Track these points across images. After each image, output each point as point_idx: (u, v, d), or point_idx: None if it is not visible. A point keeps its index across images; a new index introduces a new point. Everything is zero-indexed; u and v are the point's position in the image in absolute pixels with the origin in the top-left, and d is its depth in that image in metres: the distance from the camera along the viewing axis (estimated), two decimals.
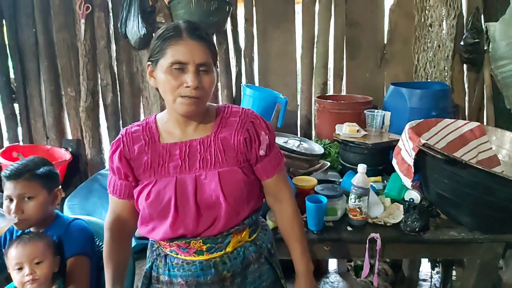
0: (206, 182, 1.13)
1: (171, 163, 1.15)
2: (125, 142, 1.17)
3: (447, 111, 2.40)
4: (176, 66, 1.06)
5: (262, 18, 2.90)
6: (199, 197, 1.13)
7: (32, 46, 3.02)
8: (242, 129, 1.18)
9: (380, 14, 2.86)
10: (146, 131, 1.19)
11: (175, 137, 1.18)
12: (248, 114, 1.22)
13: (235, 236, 1.21)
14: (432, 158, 1.56)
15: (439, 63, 2.78)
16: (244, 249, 1.24)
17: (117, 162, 1.17)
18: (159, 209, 1.13)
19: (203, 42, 1.09)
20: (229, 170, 1.15)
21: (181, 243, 1.17)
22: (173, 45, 1.07)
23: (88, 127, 3.09)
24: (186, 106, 1.09)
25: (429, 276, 2.74)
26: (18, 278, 1.36)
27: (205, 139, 1.17)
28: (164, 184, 1.13)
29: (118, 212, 1.25)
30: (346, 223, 1.71)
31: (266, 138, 1.21)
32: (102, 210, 2.57)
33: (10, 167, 1.47)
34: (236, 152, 1.17)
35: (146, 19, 2.76)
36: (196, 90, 1.07)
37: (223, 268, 1.20)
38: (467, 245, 1.66)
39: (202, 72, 1.09)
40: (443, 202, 1.68)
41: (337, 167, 2.31)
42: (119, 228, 1.26)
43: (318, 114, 2.69)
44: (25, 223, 1.45)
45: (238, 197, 1.16)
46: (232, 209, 1.15)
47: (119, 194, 1.21)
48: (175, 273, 1.21)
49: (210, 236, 1.17)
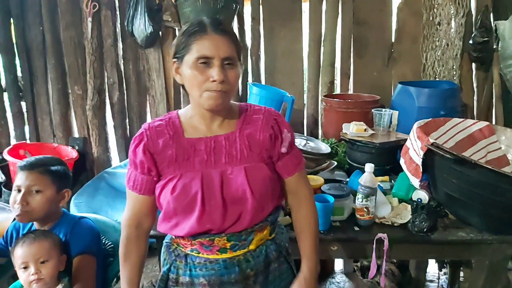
0: (232, 177, 1.14)
1: (197, 158, 1.15)
2: (149, 136, 1.16)
3: (455, 110, 2.38)
4: (201, 61, 1.07)
5: (268, 17, 2.89)
6: (225, 191, 1.13)
7: (39, 44, 3.03)
8: (267, 126, 1.20)
9: (388, 12, 2.84)
10: (170, 126, 1.18)
11: (199, 132, 1.18)
12: (271, 112, 1.24)
13: (258, 233, 1.21)
14: (440, 157, 1.55)
15: (448, 62, 2.75)
16: (265, 247, 1.24)
17: (141, 156, 1.15)
18: (184, 203, 1.12)
19: (228, 36, 1.10)
20: (255, 165, 1.16)
21: (205, 240, 1.17)
22: (198, 40, 1.07)
23: (94, 125, 3.10)
24: (212, 100, 1.09)
25: (437, 277, 2.72)
26: (24, 277, 1.37)
27: (230, 135, 1.18)
28: (189, 178, 1.13)
29: (137, 209, 1.22)
30: (353, 223, 1.69)
31: (289, 136, 1.23)
32: (108, 208, 2.58)
33: (27, 159, 1.52)
34: (261, 148, 1.18)
35: (152, 17, 2.76)
36: (222, 84, 1.08)
37: (247, 266, 1.20)
38: (476, 246, 1.64)
39: (227, 66, 1.09)
40: (452, 202, 1.67)
41: (344, 167, 2.29)
42: (137, 225, 1.24)
43: (325, 113, 2.68)
44: (27, 215, 1.45)
45: (264, 192, 1.17)
46: (258, 205, 1.15)
47: (140, 189, 1.19)
48: (197, 273, 1.19)
49: (235, 233, 1.17)
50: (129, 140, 3.16)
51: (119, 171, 2.85)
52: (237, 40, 1.14)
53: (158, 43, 2.95)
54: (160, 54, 2.99)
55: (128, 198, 1.24)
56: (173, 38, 2.93)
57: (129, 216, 1.24)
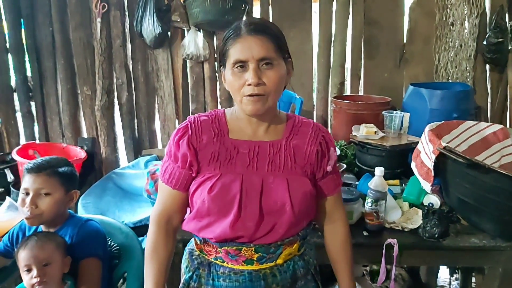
0: (274, 187, 1.10)
1: (239, 160, 1.11)
2: (194, 129, 1.13)
3: (469, 113, 2.35)
4: (237, 65, 1.05)
5: (278, 17, 2.87)
6: (264, 200, 1.09)
7: (49, 45, 3.05)
8: (315, 140, 1.16)
9: (399, 12, 2.81)
10: (216, 123, 1.15)
11: (245, 135, 1.15)
12: (320, 128, 1.20)
13: (287, 247, 1.16)
14: (453, 161, 1.52)
15: (461, 63, 2.71)
16: (293, 263, 1.20)
17: (185, 149, 1.11)
18: (221, 204, 1.08)
19: (262, 35, 1.05)
20: (298, 179, 1.12)
21: (231, 249, 1.12)
22: (233, 45, 1.05)
23: (103, 125, 3.11)
24: (251, 105, 1.06)
25: (448, 282, 2.68)
26: (27, 279, 1.36)
27: (275, 142, 1.14)
28: (229, 180, 1.09)
29: (169, 204, 1.19)
30: (362, 227, 1.67)
31: (334, 155, 1.20)
32: (116, 209, 2.58)
33: (34, 161, 1.50)
34: (306, 162, 1.14)
35: (161, 18, 2.76)
36: (259, 87, 1.04)
37: (273, 281, 1.15)
38: (489, 252, 1.60)
39: (265, 66, 1.05)
40: (464, 207, 1.64)
41: (353, 170, 2.26)
42: (168, 221, 1.20)
43: (335, 114, 2.65)
44: (37, 218, 1.45)
45: (303, 208, 1.12)
46: (295, 219, 1.11)
47: (175, 183, 1.15)
48: (220, 283, 1.15)
49: (264, 245, 1.12)
50: (138, 140, 3.19)
51: (127, 172, 2.85)
52: (277, 38, 1.08)
53: (166, 43, 2.94)
54: (168, 55, 2.98)
55: (160, 192, 1.20)
56: (182, 38, 2.92)
57: (159, 211, 1.20)
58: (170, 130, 3.13)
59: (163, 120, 3.15)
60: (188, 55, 2.87)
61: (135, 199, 2.67)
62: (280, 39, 1.09)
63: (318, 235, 1.48)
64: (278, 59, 1.07)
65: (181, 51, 2.92)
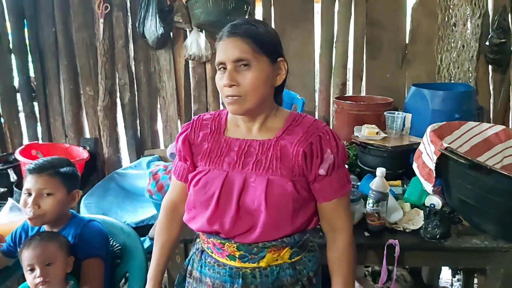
0: (253, 186, 1.09)
1: (227, 157, 1.14)
2: (194, 127, 1.21)
3: (471, 113, 2.33)
4: (219, 67, 1.08)
5: (280, 18, 2.87)
6: (242, 199, 1.09)
7: (52, 45, 3.07)
8: (305, 141, 1.10)
9: (402, 13, 2.80)
10: (215, 121, 1.21)
11: (239, 133, 1.17)
12: (319, 128, 1.13)
13: (271, 252, 1.13)
14: (454, 162, 1.51)
15: (463, 63, 2.70)
16: (279, 270, 1.15)
17: (181, 144, 1.21)
18: (202, 199, 1.13)
19: (239, 36, 1.04)
20: (279, 180, 1.08)
21: (217, 242, 1.16)
22: (217, 47, 1.10)
23: (105, 126, 3.13)
24: (230, 105, 1.09)
25: (450, 283, 2.67)
26: (30, 279, 1.37)
27: (266, 142, 1.13)
28: (214, 176, 1.14)
29: (175, 194, 1.30)
30: (363, 228, 1.66)
31: (331, 158, 1.10)
32: (118, 209, 2.59)
33: (35, 162, 1.50)
34: (293, 163, 1.09)
35: (163, 19, 2.77)
36: (233, 88, 1.04)
37: (251, 282, 1.14)
38: (490, 253, 1.59)
39: (243, 68, 1.04)
40: (466, 208, 1.63)
41: (355, 170, 2.26)
42: (174, 209, 1.31)
43: (336, 115, 2.65)
44: (40, 219, 1.45)
45: (281, 211, 1.08)
46: (272, 222, 1.07)
47: (178, 175, 1.27)
48: (205, 272, 1.20)
49: (245, 244, 1.12)
50: (140, 141, 3.21)
51: (129, 172, 2.86)
52: (256, 38, 1.05)
53: (169, 44, 2.96)
54: (171, 55, 2.99)
55: (171, 182, 1.33)
56: (184, 39, 2.93)
57: (167, 200, 1.33)
58: (172, 130, 3.14)
59: (165, 121, 3.16)
60: (190, 56, 2.88)
61: (137, 199, 2.68)
62: (262, 39, 1.06)
63: (320, 236, 1.49)
64: (257, 60, 1.05)
65: (183, 51, 2.93)
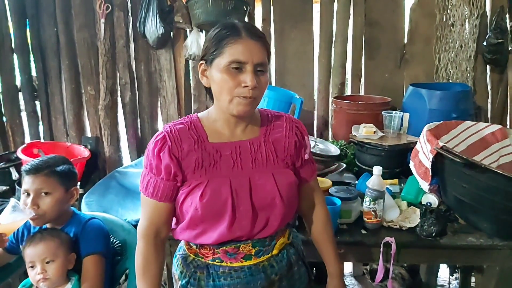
0: (261, 183, 1.13)
1: (223, 163, 1.12)
2: (173, 139, 1.10)
3: (468, 113, 2.35)
4: (234, 66, 1.05)
5: (279, 18, 2.89)
6: (255, 197, 1.12)
7: (54, 45, 3.08)
8: (291, 132, 1.21)
9: (400, 13, 2.81)
10: (193, 130, 1.14)
11: (223, 137, 1.15)
12: (292, 119, 1.25)
13: (280, 238, 1.23)
14: (450, 161, 1.53)
15: (461, 63, 2.71)
16: (286, 251, 1.25)
17: (168, 160, 1.08)
18: (214, 209, 1.08)
19: (261, 41, 1.08)
20: (282, 171, 1.17)
21: (230, 248, 1.14)
22: (232, 44, 1.05)
23: (106, 125, 3.14)
24: (242, 106, 1.07)
25: (447, 282, 2.68)
26: (32, 275, 1.40)
27: (254, 140, 1.17)
28: (218, 184, 1.09)
29: (156, 217, 1.15)
30: (360, 226, 1.68)
31: (309, 143, 1.27)
32: (119, 207, 2.60)
33: (31, 162, 1.50)
34: (286, 154, 1.19)
35: (164, 19, 2.78)
36: (254, 90, 1.06)
37: (272, 272, 1.19)
38: (486, 251, 1.62)
39: (259, 72, 1.08)
40: (462, 207, 1.65)
41: (353, 169, 2.28)
42: (156, 235, 1.17)
43: (335, 114, 2.67)
44: (41, 219, 1.46)
45: (291, 198, 1.18)
46: (286, 210, 1.16)
47: (161, 196, 1.12)
48: (221, 283, 1.15)
49: (260, 239, 1.16)
50: (140, 140, 3.21)
51: (130, 171, 2.87)
52: (268, 46, 1.12)
53: (169, 44, 2.96)
54: (171, 55, 3.00)
55: (145, 206, 1.17)
56: (184, 39, 2.94)
57: (146, 225, 1.17)
58: None
59: (165, 120, 3.17)
60: (190, 56, 2.89)
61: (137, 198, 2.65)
62: (269, 48, 1.14)
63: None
64: (267, 67, 1.12)
65: (183, 51, 2.94)
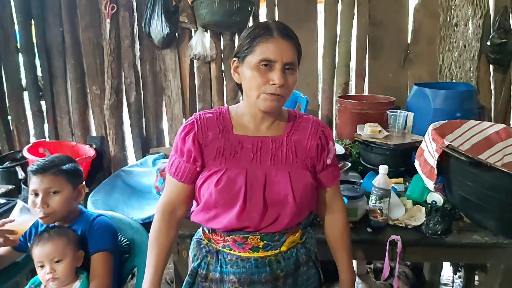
0: (276, 180, 1.15)
1: (243, 155, 1.17)
2: (200, 126, 1.18)
3: (472, 112, 2.35)
4: (264, 63, 1.09)
5: (284, 18, 2.90)
6: (268, 192, 1.15)
7: (59, 45, 3.10)
8: (315, 135, 1.23)
9: (404, 13, 2.82)
10: (220, 120, 1.21)
11: (248, 131, 1.20)
12: (319, 123, 1.27)
13: (290, 236, 1.23)
14: (456, 160, 1.53)
15: (465, 63, 2.73)
16: (296, 250, 1.26)
17: (190, 145, 1.16)
18: (227, 197, 1.13)
19: (292, 42, 1.12)
20: (299, 172, 1.18)
21: (238, 237, 1.18)
22: (263, 43, 1.09)
23: (112, 124, 3.16)
24: (269, 102, 1.11)
25: (451, 280, 2.69)
26: (41, 274, 1.41)
27: (277, 138, 1.20)
28: (235, 173, 1.14)
29: (174, 195, 1.24)
30: (366, 224, 1.69)
31: (334, 148, 1.27)
32: (124, 206, 2.62)
33: (37, 162, 1.50)
34: (306, 156, 1.21)
35: (169, 19, 2.80)
36: (281, 88, 1.10)
37: (277, 267, 1.21)
38: (491, 249, 1.62)
39: (288, 71, 1.11)
40: (467, 205, 1.65)
41: (357, 168, 2.29)
42: (171, 211, 1.25)
43: (339, 114, 2.68)
44: (50, 217, 1.47)
45: (305, 199, 1.18)
46: (298, 210, 1.17)
47: (181, 177, 1.20)
48: (228, 270, 1.20)
49: (269, 233, 1.18)
50: (145, 139, 3.23)
51: (135, 170, 2.88)
52: (299, 47, 1.16)
53: (174, 44, 2.98)
54: (176, 55, 3.02)
55: (167, 184, 1.26)
56: (189, 39, 2.96)
57: (164, 201, 1.26)
58: (177, 129, 3.13)
59: (170, 119, 3.19)
60: (195, 55, 2.91)
61: (143, 196, 2.71)
62: (301, 48, 1.17)
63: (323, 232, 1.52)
64: (296, 66, 1.15)
65: (188, 51, 2.95)
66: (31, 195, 1.47)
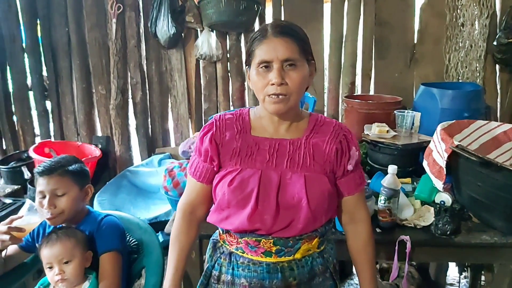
0: (291, 183, 1.12)
1: (259, 156, 1.16)
2: (218, 126, 1.19)
3: (479, 112, 2.35)
4: (263, 65, 1.08)
5: (290, 17, 2.90)
6: (281, 195, 1.12)
7: (65, 45, 3.11)
8: (335, 139, 1.18)
9: (410, 13, 2.82)
10: (239, 121, 1.21)
11: (266, 132, 1.19)
12: (342, 127, 1.22)
13: (305, 243, 1.18)
14: (465, 160, 1.53)
15: (471, 63, 2.72)
16: (312, 259, 1.21)
17: (207, 144, 1.18)
18: (240, 197, 1.12)
19: (288, 37, 1.08)
20: (316, 176, 1.14)
21: (251, 240, 1.16)
22: (259, 46, 1.09)
23: (117, 124, 3.17)
24: (273, 104, 1.09)
25: (457, 280, 2.68)
26: (50, 276, 1.40)
27: (295, 140, 1.17)
28: (249, 174, 1.13)
29: (194, 195, 1.25)
30: (375, 224, 1.67)
31: (356, 154, 1.21)
32: (130, 206, 2.63)
33: (43, 164, 1.50)
34: (325, 160, 1.16)
35: (175, 19, 2.80)
36: (281, 87, 1.07)
37: (290, 275, 1.17)
38: (500, 249, 1.61)
39: (289, 67, 1.08)
40: (476, 205, 1.65)
41: (365, 168, 2.28)
42: (191, 211, 1.26)
43: (346, 114, 2.67)
44: (59, 218, 1.47)
45: (320, 204, 1.13)
46: (312, 215, 1.12)
47: (199, 176, 1.21)
48: (239, 273, 1.18)
49: (282, 238, 1.14)
50: (151, 139, 3.23)
51: (141, 170, 2.90)
52: (301, 40, 1.11)
53: (180, 44, 2.99)
54: (182, 55, 3.03)
55: (187, 184, 1.28)
56: (195, 39, 2.96)
57: (185, 201, 1.27)
58: (183, 129, 3.18)
59: (176, 119, 3.19)
60: (201, 55, 2.91)
61: (149, 196, 2.72)
62: (305, 41, 1.13)
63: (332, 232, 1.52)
64: (302, 61, 1.10)
65: (194, 51, 2.96)
66: (38, 197, 1.47)
